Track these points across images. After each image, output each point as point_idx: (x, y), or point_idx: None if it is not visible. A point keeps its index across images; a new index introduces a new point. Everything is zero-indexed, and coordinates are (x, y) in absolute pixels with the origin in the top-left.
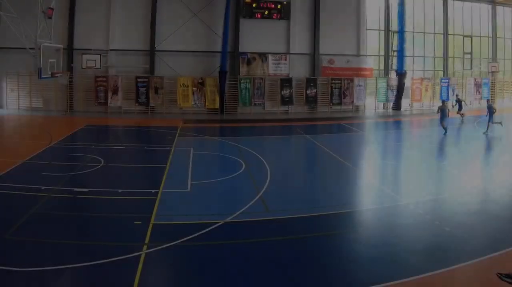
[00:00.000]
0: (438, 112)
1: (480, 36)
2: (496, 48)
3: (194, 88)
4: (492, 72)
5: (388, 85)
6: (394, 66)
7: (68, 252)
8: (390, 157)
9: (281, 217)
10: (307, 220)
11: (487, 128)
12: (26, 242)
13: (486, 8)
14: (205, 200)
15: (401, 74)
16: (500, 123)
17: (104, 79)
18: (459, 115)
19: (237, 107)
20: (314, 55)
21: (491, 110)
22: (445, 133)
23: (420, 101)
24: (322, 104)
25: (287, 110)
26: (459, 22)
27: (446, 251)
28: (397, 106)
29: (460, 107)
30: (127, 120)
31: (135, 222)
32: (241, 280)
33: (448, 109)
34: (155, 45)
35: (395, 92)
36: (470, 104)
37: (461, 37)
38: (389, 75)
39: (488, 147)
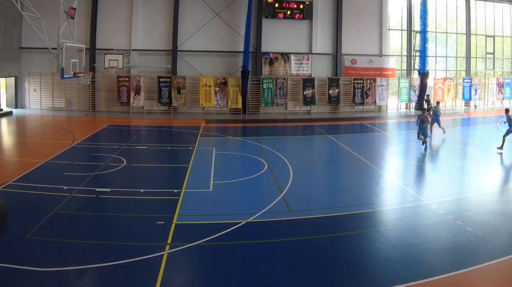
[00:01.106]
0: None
1: (503, 36)
2: None
3: (216, 88)
4: None
5: (410, 85)
6: (417, 66)
7: (90, 252)
8: (412, 157)
9: (303, 217)
10: (330, 220)
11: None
12: (48, 242)
13: (508, 7)
14: (228, 200)
15: (423, 74)
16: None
17: (127, 79)
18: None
19: (259, 107)
20: (336, 55)
21: (510, 123)
22: (424, 149)
23: (442, 101)
24: (345, 104)
25: (309, 110)
26: (481, 22)
27: (468, 251)
28: (419, 106)
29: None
30: (149, 120)
31: (157, 222)
32: (264, 280)
33: (427, 119)
34: (177, 45)
35: (417, 92)
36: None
37: (484, 37)
38: (412, 75)
39: (511, 147)
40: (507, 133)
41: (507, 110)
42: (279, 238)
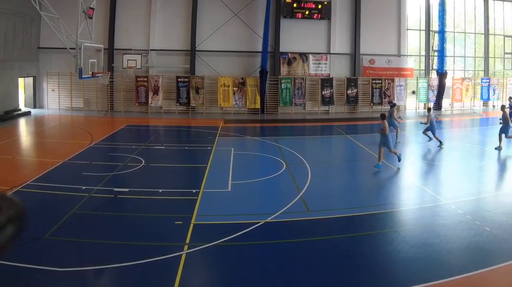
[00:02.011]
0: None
1: None
2: None
3: (234, 88)
4: None
5: (428, 85)
6: (435, 66)
7: (108, 252)
8: (430, 157)
9: (321, 217)
10: (348, 220)
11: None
12: (66, 242)
13: None
14: (246, 200)
15: (441, 74)
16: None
17: (145, 79)
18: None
19: (277, 107)
20: (354, 55)
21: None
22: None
23: (461, 101)
24: (363, 104)
25: (328, 110)
26: (499, 22)
27: (487, 251)
28: (437, 106)
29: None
30: (168, 120)
31: (175, 222)
32: (282, 280)
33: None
34: (196, 45)
35: (435, 92)
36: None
37: (502, 37)
38: (430, 75)
39: None
40: (502, 131)
41: (503, 107)
42: (297, 238)
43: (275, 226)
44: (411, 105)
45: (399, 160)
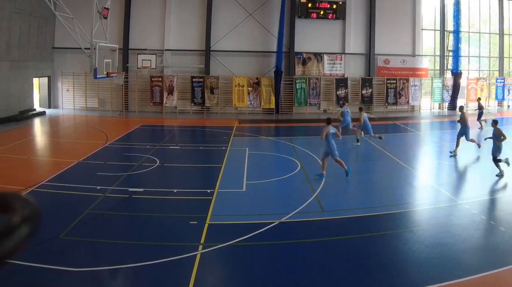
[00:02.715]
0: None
1: None
2: None
3: (249, 88)
4: None
5: (443, 85)
6: (450, 66)
7: (123, 252)
8: (445, 157)
9: (336, 217)
10: (363, 220)
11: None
12: (81, 242)
13: None
14: (261, 200)
15: (456, 74)
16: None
17: (160, 79)
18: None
19: (292, 107)
20: (369, 55)
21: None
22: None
23: (475, 101)
24: (378, 104)
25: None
26: None
27: (501, 251)
28: (452, 106)
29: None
30: (182, 121)
31: (190, 222)
32: (296, 280)
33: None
34: (211, 45)
35: (450, 93)
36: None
37: None
38: (445, 75)
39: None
40: (462, 133)
41: (461, 108)
42: (312, 238)
43: (289, 226)
44: (426, 105)
45: (347, 172)
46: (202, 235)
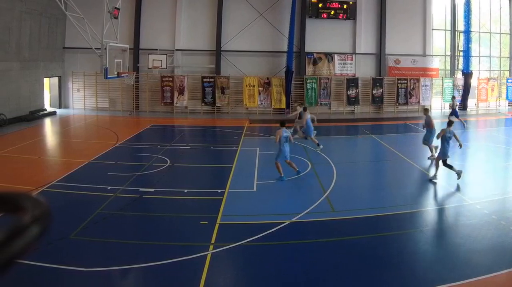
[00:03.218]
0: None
1: None
2: None
3: (260, 88)
4: None
5: (454, 85)
6: (460, 66)
7: (133, 252)
8: (456, 157)
9: (347, 217)
10: (373, 220)
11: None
12: (91, 242)
13: None
14: (271, 200)
15: (467, 74)
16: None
17: (170, 79)
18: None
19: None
20: (380, 55)
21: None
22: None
23: (486, 101)
24: (388, 105)
25: (353, 110)
26: None
27: None
28: (463, 106)
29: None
30: (193, 121)
31: (201, 222)
32: (307, 280)
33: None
34: (221, 45)
35: (461, 93)
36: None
37: None
38: (455, 75)
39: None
40: (427, 138)
41: (426, 111)
42: (322, 238)
43: (300, 226)
44: (437, 105)
45: (297, 174)
46: (213, 235)
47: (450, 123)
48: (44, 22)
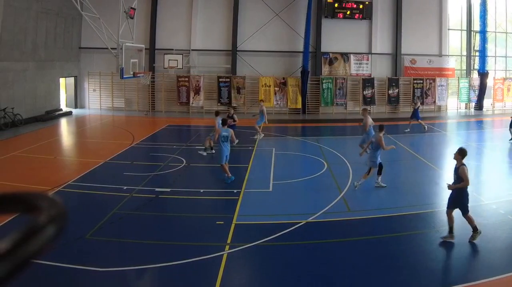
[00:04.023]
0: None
1: None
2: None
3: (276, 88)
4: None
5: (470, 85)
6: (476, 66)
7: (149, 252)
8: (472, 157)
9: (363, 217)
10: (389, 220)
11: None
12: (108, 242)
13: None
14: (287, 200)
15: (483, 74)
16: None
17: (186, 79)
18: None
19: (319, 107)
20: (396, 55)
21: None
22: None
23: (502, 101)
24: (404, 104)
25: (369, 111)
26: None
27: None
28: (479, 106)
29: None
30: (209, 120)
31: (217, 222)
32: (323, 280)
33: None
34: (237, 45)
35: (477, 93)
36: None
37: None
38: (471, 76)
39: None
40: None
41: (364, 111)
42: (338, 238)
43: (316, 226)
44: (453, 105)
45: (227, 180)
46: (229, 235)
47: (381, 128)
48: (60, 22)
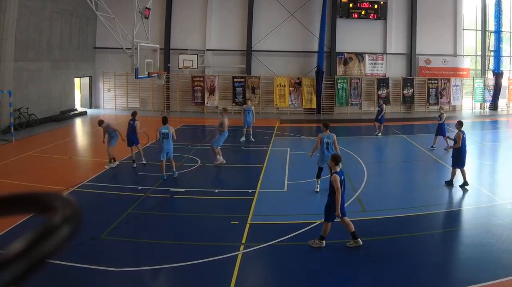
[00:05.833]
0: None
1: None
2: None
3: (291, 88)
4: None
5: (485, 85)
6: (491, 66)
7: (164, 252)
8: (487, 157)
9: (377, 217)
10: (404, 220)
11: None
12: (122, 242)
13: None
14: (302, 200)
15: (498, 74)
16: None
17: (201, 79)
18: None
19: (333, 107)
20: (410, 55)
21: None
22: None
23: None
24: (419, 105)
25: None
26: None
27: None
28: (494, 106)
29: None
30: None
31: (232, 222)
32: (338, 279)
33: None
34: (252, 45)
35: (491, 93)
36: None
37: None
38: (486, 76)
39: None
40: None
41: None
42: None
43: (331, 226)
44: (467, 105)
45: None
46: (244, 235)
47: (326, 125)
48: (74, 22)
